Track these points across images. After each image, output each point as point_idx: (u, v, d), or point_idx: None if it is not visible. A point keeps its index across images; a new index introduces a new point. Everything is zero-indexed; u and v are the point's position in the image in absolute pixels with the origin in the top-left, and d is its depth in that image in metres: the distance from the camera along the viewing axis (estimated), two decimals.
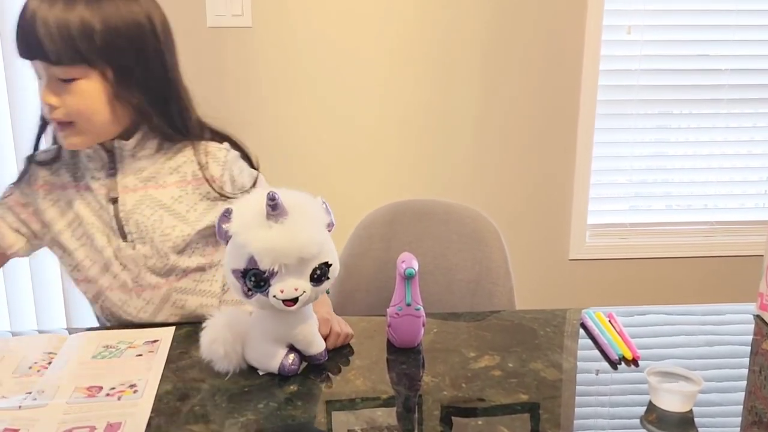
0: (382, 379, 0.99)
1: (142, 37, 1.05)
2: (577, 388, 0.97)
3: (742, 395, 0.95)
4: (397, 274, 1.03)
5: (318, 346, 1.00)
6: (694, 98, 2.29)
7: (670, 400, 0.90)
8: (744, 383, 0.98)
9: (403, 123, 2.20)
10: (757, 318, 1.19)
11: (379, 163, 2.22)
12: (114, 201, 1.11)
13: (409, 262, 1.02)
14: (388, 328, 1.07)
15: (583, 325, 1.15)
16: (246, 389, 0.95)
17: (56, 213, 1.13)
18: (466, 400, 0.93)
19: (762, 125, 2.34)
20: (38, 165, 1.14)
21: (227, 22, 2.06)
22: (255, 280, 0.89)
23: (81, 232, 1.12)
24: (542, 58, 2.18)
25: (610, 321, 1.14)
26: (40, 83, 1.05)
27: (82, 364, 1.01)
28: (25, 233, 1.14)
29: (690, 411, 0.89)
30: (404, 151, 2.22)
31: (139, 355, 1.04)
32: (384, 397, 0.94)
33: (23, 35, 1.00)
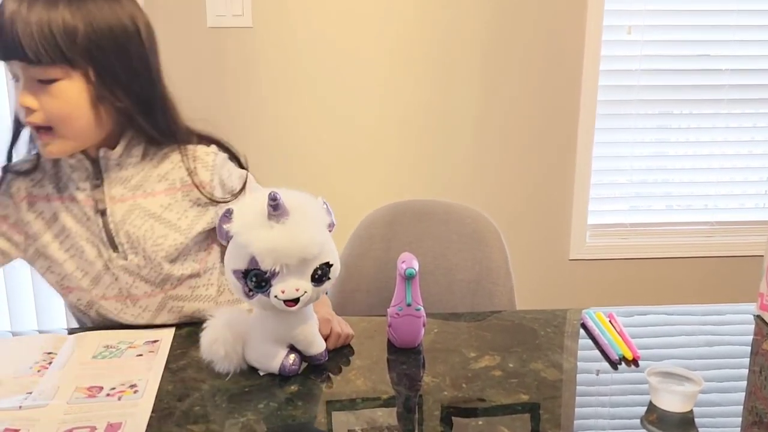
0: (383, 380, 0.99)
1: (126, 39, 1.01)
2: (578, 388, 0.97)
3: (742, 395, 0.95)
4: (398, 275, 1.03)
5: (318, 347, 1.00)
6: (695, 98, 2.29)
7: (671, 401, 0.90)
8: (744, 383, 0.98)
9: (403, 123, 2.20)
10: (758, 318, 1.19)
11: (379, 164, 2.22)
12: (102, 212, 1.08)
13: (410, 263, 1.02)
14: (388, 328, 1.07)
15: (584, 326, 1.15)
16: (246, 389, 0.95)
17: (41, 225, 1.09)
18: (466, 401, 0.93)
19: (762, 125, 2.34)
20: (17, 175, 1.09)
21: (227, 22, 2.06)
22: (256, 280, 0.89)
23: (69, 244, 1.09)
24: (542, 58, 2.18)
25: (610, 321, 1.14)
26: (17, 86, 1.00)
27: (82, 364, 1.01)
28: (2, 246, 1.09)
29: (690, 411, 0.89)
30: (404, 151, 2.22)
31: (140, 356, 1.04)
32: (384, 397, 0.94)
33: (0, 35, 0.96)
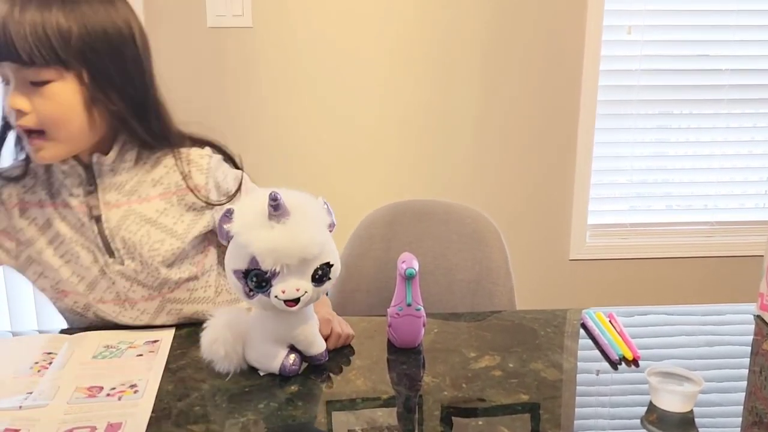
0: (383, 380, 0.99)
1: (121, 41, 1.00)
2: (578, 388, 0.97)
3: (742, 396, 0.95)
4: (398, 275, 1.03)
5: (319, 347, 1.00)
6: (695, 98, 2.29)
7: (671, 401, 0.90)
8: (744, 384, 0.98)
9: (403, 123, 2.20)
10: (758, 318, 1.19)
11: (379, 164, 2.22)
12: (97, 218, 1.07)
13: (410, 263, 1.02)
14: (388, 328, 1.07)
15: (584, 326, 1.15)
16: (246, 389, 0.95)
17: (35, 231, 1.07)
18: (466, 401, 0.93)
19: (762, 125, 2.34)
20: (7, 182, 1.08)
21: (227, 22, 2.06)
22: (257, 280, 0.89)
23: (64, 250, 1.07)
24: (542, 59, 2.18)
25: (610, 321, 1.14)
26: (7, 89, 0.99)
27: (82, 364, 1.01)
28: None
29: (690, 411, 0.89)
30: (404, 152, 2.22)
31: (140, 355, 1.04)
32: (384, 397, 0.94)
33: None
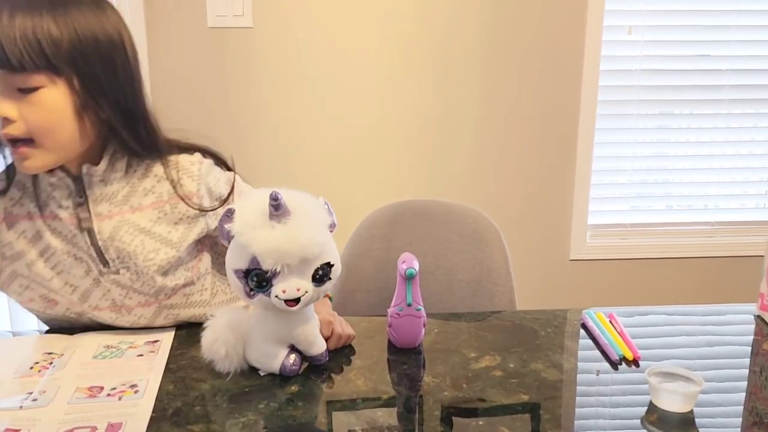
0: (383, 380, 0.99)
1: (112, 48, 0.98)
2: (578, 388, 0.97)
3: (742, 396, 0.95)
4: (398, 275, 1.03)
5: (319, 347, 1.00)
6: (695, 98, 2.29)
7: (671, 401, 0.90)
8: (745, 384, 0.98)
9: (404, 123, 2.20)
10: (758, 318, 1.19)
11: (379, 164, 2.22)
12: (89, 230, 1.05)
13: (410, 263, 1.02)
14: (388, 329, 1.07)
15: (584, 326, 1.15)
16: (247, 389, 0.95)
17: (25, 244, 1.05)
18: (466, 401, 0.93)
19: (763, 125, 2.34)
20: None
21: (228, 22, 2.06)
22: (257, 280, 0.90)
23: (55, 261, 1.06)
24: (543, 59, 2.18)
25: (610, 321, 1.14)
26: None
27: (83, 364, 1.01)
28: None
29: (691, 411, 0.90)
30: (404, 152, 2.23)
31: (140, 356, 1.04)
32: (385, 397, 0.94)
33: None
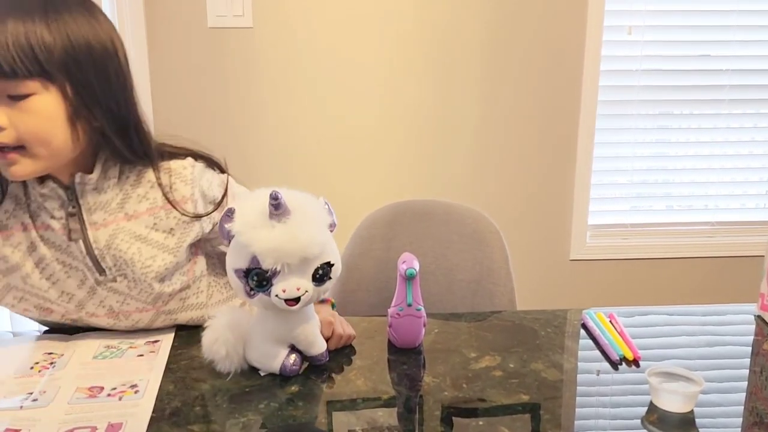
0: (383, 380, 0.99)
1: (105, 55, 0.97)
2: (578, 388, 0.97)
3: (743, 396, 0.95)
4: (398, 275, 1.03)
5: (319, 347, 1.00)
6: (695, 99, 2.29)
7: (671, 401, 0.90)
8: (745, 384, 0.98)
9: (404, 123, 2.20)
10: (758, 318, 1.19)
11: (379, 164, 2.22)
12: (84, 239, 1.03)
13: (410, 263, 1.02)
14: (389, 329, 1.07)
15: (584, 326, 1.15)
16: (247, 389, 0.95)
17: (20, 257, 1.03)
18: (466, 401, 0.93)
19: (763, 126, 2.34)
20: None
21: (228, 22, 2.06)
22: (257, 279, 0.90)
23: (50, 272, 1.04)
24: (543, 59, 2.18)
25: (611, 321, 1.14)
26: None
27: (83, 365, 1.01)
28: None
29: (691, 412, 0.89)
30: (405, 152, 2.23)
31: (141, 356, 1.04)
32: (385, 397, 0.94)
33: None
